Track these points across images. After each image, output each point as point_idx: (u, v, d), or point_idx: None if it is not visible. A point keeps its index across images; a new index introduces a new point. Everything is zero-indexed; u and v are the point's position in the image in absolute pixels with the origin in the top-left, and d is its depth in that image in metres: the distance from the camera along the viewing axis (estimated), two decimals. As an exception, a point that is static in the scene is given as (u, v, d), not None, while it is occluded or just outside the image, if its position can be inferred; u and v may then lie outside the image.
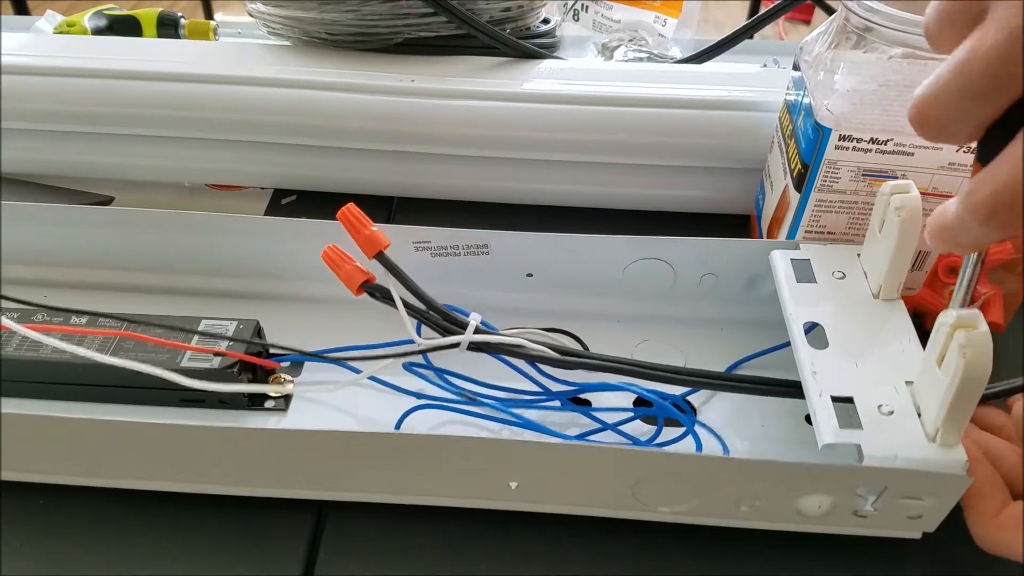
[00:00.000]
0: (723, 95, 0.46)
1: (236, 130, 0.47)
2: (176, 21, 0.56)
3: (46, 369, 0.35)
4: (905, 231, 0.32)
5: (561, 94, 0.46)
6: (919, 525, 0.31)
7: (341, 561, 0.32)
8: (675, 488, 0.31)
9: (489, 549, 0.33)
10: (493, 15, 0.49)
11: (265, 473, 0.33)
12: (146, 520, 0.33)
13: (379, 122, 0.46)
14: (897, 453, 0.28)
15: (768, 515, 0.32)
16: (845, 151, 0.35)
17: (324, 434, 0.31)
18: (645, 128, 0.46)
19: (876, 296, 0.35)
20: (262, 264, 0.42)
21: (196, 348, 0.35)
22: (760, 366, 0.39)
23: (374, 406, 0.37)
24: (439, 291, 0.35)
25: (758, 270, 0.39)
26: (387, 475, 0.33)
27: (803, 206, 0.38)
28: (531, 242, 0.40)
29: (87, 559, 0.32)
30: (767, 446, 0.36)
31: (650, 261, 0.40)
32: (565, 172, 0.48)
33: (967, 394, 0.27)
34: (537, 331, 0.37)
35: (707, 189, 0.48)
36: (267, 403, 0.37)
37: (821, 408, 0.30)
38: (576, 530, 0.33)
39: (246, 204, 0.50)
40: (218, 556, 0.32)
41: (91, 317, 0.36)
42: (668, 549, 0.33)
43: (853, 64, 0.35)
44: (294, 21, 0.49)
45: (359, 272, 0.34)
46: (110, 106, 0.46)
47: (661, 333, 0.41)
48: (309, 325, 0.40)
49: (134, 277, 0.42)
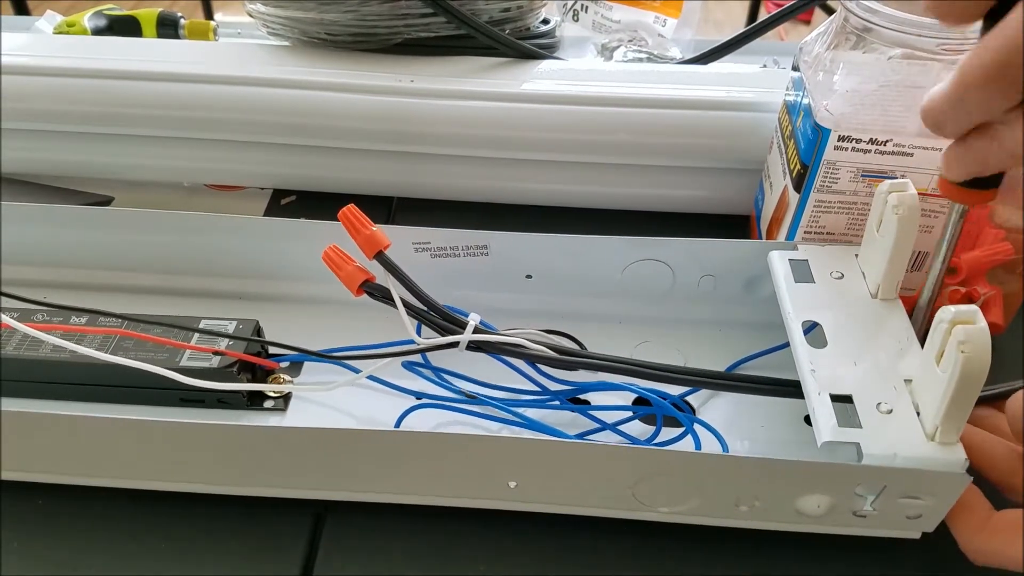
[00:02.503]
0: (723, 96, 0.46)
1: (236, 130, 0.47)
2: (176, 21, 0.56)
3: (46, 368, 0.35)
4: (903, 229, 0.32)
5: (561, 94, 0.46)
6: (918, 525, 0.31)
7: (340, 561, 0.32)
8: (674, 488, 0.31)
9: (488, 549, 0.33)
10: (492, 15, 0.49)
11: (264, 472, 0.33)
12: (146, 520, 0.33)
13: (379, 122, 0.46)
14: (896, 452, 0.28)
15: (767, 515, 0.32)
16: (844, 152, 0.35)
17: (323, 433, 0.31)
18: (645, 128, 0.46)
19: (874, 296, 0.35)
20: (261, 264, 0.42)
21: (196, 347, 0.35)
22: (759, 367, 0.39)
23: (373, 406, 0.37)
24: (439, 292, 0.35)
25: (757, 271, 0.39)
26: (386, 474, 0.33)
27: (802, 207, 0.38)
28: (531, 243, 0.40)
29: (87, 559, 0.32)
30: (766, 446, 0.36)
31: (649, 262, 0.40)
32: (565, 172, 0.48)
33: (966, 391, 0.27)
34: (535, 332, 0.37)
35: (706, 189, 0.48)
36: (266, 403, 0.37)
37: (820, 407, 0.30)
38: (575, 530, 0.33)
39: (246, 204, 0.50)
40: (217, 556, 0.32)
41: (91, 316, 0.36)
42: (667, 549, 0.33)
43: (852, 65, 0.35)
44: (294, 21, 0.49)
45: (359, 272, 0.34)
46: (110, 106, 0.46)
47: (660, 334, 0.41)
48: (308, 325, 0.40)
49: (134, 277, 0.42)
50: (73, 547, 0.33)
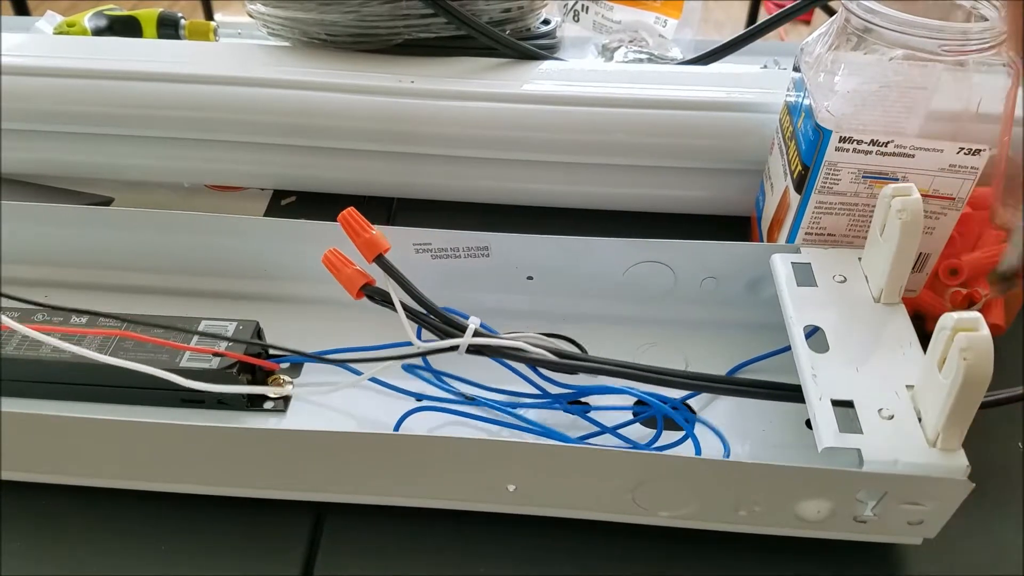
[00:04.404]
0: (723, 96, 0.46)
1: (236, 131, 0.47)
2: (176, 22, 0.56)
3: (46, 369, 0.35)
4: (906, 234, 0.32)
5: (561, 95, 0.46)
6: (920, 531, 0.31)
7: (339, 563, 0.32)
8: (674, 492, 0.31)
9: (487, 552, 0.33)
10: (493, 16, 0.49)
11: (264, 474, 0.33)
12: (145, 520, 0.33)
13: (379, 123, 0.46)
14: (897, 458, 0.28)
15: (767, 520, 0.32)
16: (845, 153, 0.35)
17: (323, 435, 0.31)
18: (645, 129, 0.46)
19: (877, 300, 0.35)
20: (262, 265, 0.42)
21: (195, 348, 0.35)
22: (761, 370, 0.39)
23: (373, 408, 0.37)
24: (439, 293, 0.35)
25: (759, 273, 0.39)
26: (386, 477, 0.33)
27: (803, 208, 0.38)
28: (532, 244, 0.39)
29: (87, 559, 0.32)
30: (767, 450, 0.36)
31: (651, 264, 0.40)
32: (565, 173, 0.48)
33: (968, 398, 0.27)
34: (536, 335, 0.37)
35: (707, 190, 0.48)
36: (266, 404, 0.37)
37: (821, 412, 0.30)
38: (574, 533, 0.33)
39: (246, 205, 0.50)
40: (217, 557, 0.32)
41: (91, 317, 0.36)
42: (667, 554, 0.33)
43: (853, 65, 0.35)
44: (294, 22, 0.49)
45: (359, 275, 0.34)
46: (110, 107, 0.46)
47: (662, 336, 0.41)
48: (309, 326, 0.40)
49: (134, 277, 0.42)
50: (73, 547, 0.33)
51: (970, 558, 0.33)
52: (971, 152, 0.35)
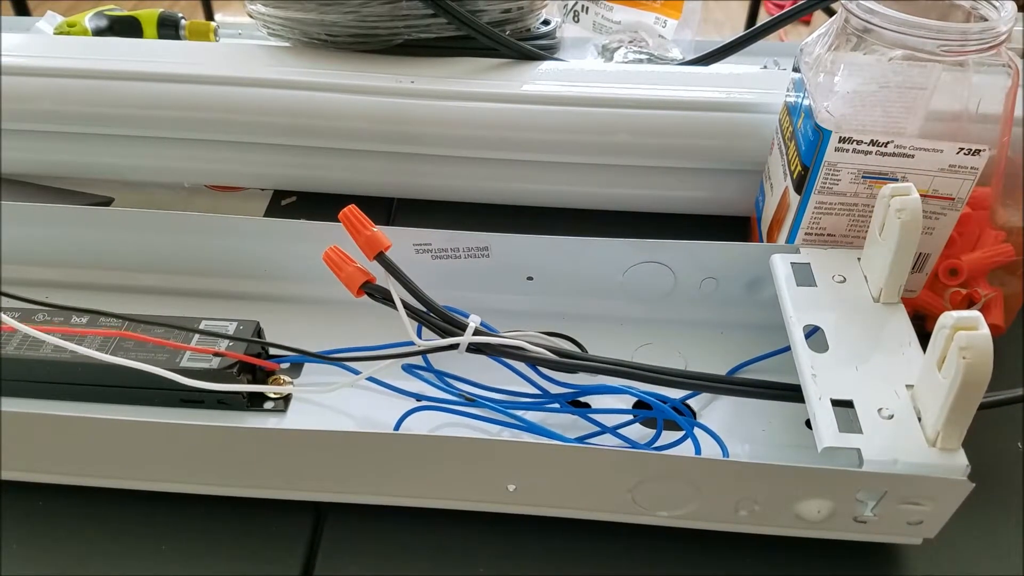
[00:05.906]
0: (723, 97, 0.46)
1: (236, 131, 0.47)
2: (176, 22, 0.56)
3: (46, 369, 0.35)
4: (906, 234, 0.32)
5: (561, 96, 0.46)
6: (919, 531, 0.31)
7: (339, 563, 0.32)
8: (674, 492, 0.31)
9: (487, 552, 0.33)
10: (493, 17, 0.49)
11: (264, 474, 0.33)
12: (146, 520, 0.33)
13: (379, 123, 0.46)
14: (897, 458, 0.28)
15: (767, 520, 0.32)
16: (845, 153, 0.35)
17: (323, 435, 0.31)
18: (645, 130, 0.46)
19: (876, 300, 0.35)
20: (262, 265, 0.42)
21: (196, 348, 0.35)
22: (760, 370, 0.39)
23: (373, 407, 0.37)
24: (439, 293, 0.35)
25: (758, 274, 0.39)
26: (386, 476, 0.33)
27: (803, 208, 0.38)
28: (532, 244, 0.40)
29: (87, 559, 0.32)
30: (767, 450, 0.36)
31: (651, 264, 0.40)
32: (565, 174, 0.48)
33: (967, 397, 0.27)
34: (536, 334, 0.37)
35: (707, 191, 0.48)
36: (266, 404, 0.37)
37: (821, 412, 0.30)
38: (574, 533, 0.33)
39: (246, 205, 0.50)
40: (217, 556, 0.32)
41: (91, 317, 0.36)
42: (666, 554, 0.33)
43: (853, 66, 0.35)
44: (294, 22, 0.49)
45: (360, 273, 0.34)
46: (110, 107, 0.46)
47: (662, 336, 0.41)
48: (309, 326, 0.40)
49: (134, 277, 0.42)
50: (73, 547, 0.33)
51: (970, 558, 0.33)
52: (971, 152, 0.35)
